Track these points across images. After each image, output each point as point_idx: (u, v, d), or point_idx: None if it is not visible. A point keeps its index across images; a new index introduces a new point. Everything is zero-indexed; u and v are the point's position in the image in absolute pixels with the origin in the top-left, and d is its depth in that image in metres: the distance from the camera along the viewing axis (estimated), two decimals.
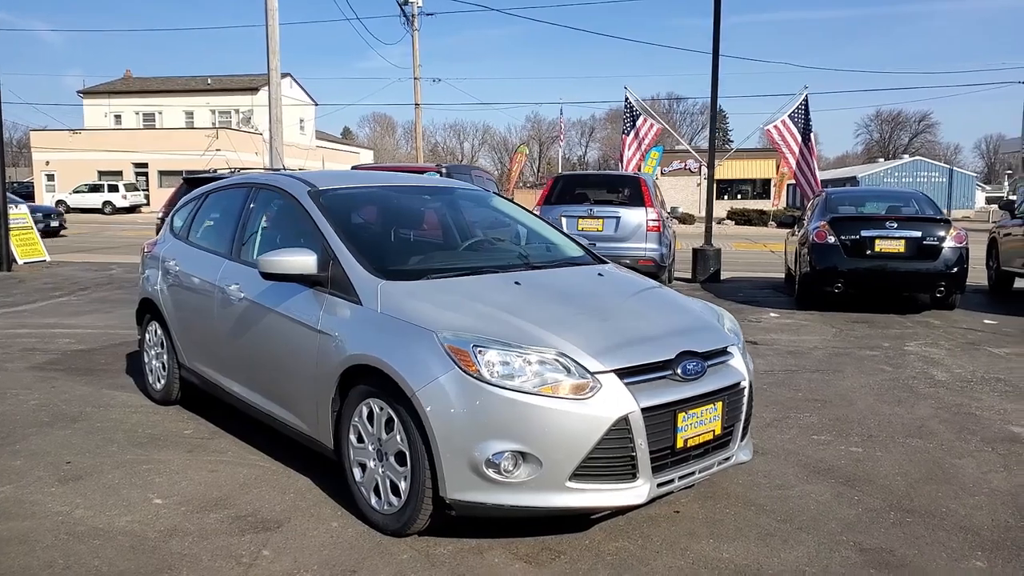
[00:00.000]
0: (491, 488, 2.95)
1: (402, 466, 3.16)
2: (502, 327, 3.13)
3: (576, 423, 2.90)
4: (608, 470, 2.95)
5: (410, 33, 35.69)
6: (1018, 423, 4.80)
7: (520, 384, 2.94)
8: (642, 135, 13.23)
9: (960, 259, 8.82)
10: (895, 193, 12.16)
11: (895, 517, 3.42)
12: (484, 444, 2.92)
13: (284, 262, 3.64)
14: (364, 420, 3.34)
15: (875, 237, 8.89)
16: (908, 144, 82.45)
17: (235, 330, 4.21)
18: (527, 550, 3.12)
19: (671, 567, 2.98)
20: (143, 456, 4.28)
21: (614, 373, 2.99)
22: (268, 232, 4.36)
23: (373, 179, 4.89)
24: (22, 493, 3.77)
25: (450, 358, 3.01)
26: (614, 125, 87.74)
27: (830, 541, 3.19)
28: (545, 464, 2.90)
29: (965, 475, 3.93)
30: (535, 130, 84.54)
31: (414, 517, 3.13)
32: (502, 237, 4.60)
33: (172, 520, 3.45)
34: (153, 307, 5.21)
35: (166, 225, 5.51)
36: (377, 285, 3.47)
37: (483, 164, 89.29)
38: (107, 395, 5.54)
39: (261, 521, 3.43)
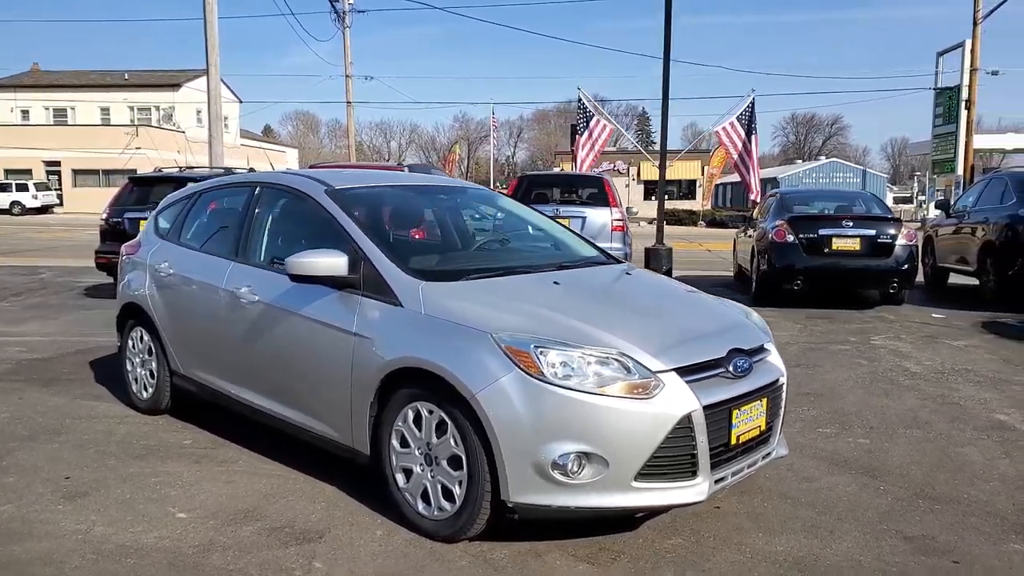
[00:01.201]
0: (556, 490, 2.92)
1: (456, 470, 3.10)
2: (555, 327, 3.11)
3: (642, 422, 2.91)
4: (671, 468, 2.97)
5: (341, 30, 35.19)
6: (1001, 411, 5.05)
7: (583, 384, 2.92)
8: (595, 135, 13.37)
9: (911, 256, 9.23)
10: (845, 193, 12.64)
11: (924, 505, 3.55)
12: (550, 446, 2.89)
13: (314, 264, 3.53)
14: (410, 424, 3.26)
15: (832, 236, 9.22)
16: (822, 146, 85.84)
17: (248, 335, 4.05)
18: (584, 551, 3.11)
19: (732, 562, 3.02)
20: (147, 469, 4.08)
21: (675, 372, 3.01)
22: (281, 233, 4.21)
23: (383, 178, 4.78)
24: (27, 512, 3.54)
25: (510, 359, 2.97)
26: (541, 126, 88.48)
27: (873, 531, 3.28)
28: (612, 464, 2.90)
29: (972, 462, 4.11)
30: (463, 130, 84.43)
31: (471, 522, 3.07)
32: (521, 237, 4.57)
33: (204, 534, 3.30)
34: (140, 313, 4.96)
35: (148, 227, 5.25)
36: (418, 286, 3.39)
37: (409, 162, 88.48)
38: (84, 406, 5.25)
39: (300, 532, 3.31)
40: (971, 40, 29.62)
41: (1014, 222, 9.19)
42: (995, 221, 9.62)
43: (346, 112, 36.36)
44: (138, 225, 10.23)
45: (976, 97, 30.25)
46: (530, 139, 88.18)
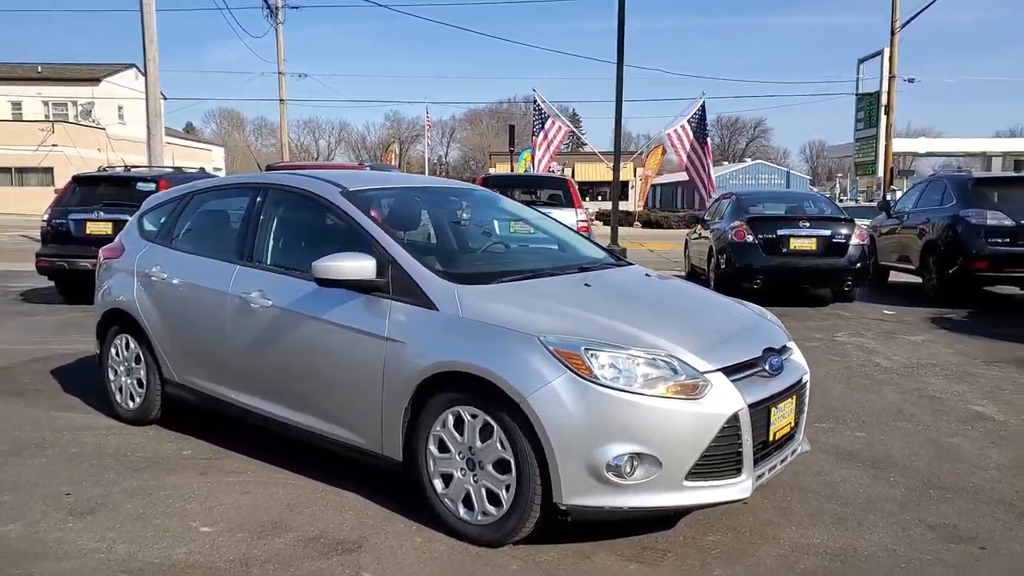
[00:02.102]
0: (610, 491, 2.94)
1: (503, 474, 3.09)
2: (599, 329, 3.13)
3: (693, 422, 2.95)
4: (718, 467, 3.02)
5: (274, 26, 34.37)
6: (976, 403, 5.31)
7: (635, 386, 2.95)
8: (551, 136, 13.44)
9: (863, 255, 9.62)
10: (796, 195, 13.07)
11: (936, 495, 3.71)
12: (604, 447, 2.91)
13: (341, 267, 3.46)
14: (450, 429, 3.23)
15: (790, 236, 9.53)
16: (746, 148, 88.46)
17: (259, 341, 3.93)
18: (630, 551, 3.14)
19: (775, 556, 3.10)
20: (153, 481, 3.92)
21: (721, 372, 3.06)
22: (295, 236, 4.11)
23: (389, 180, 4.70)
24: (36, 531, 3.36)
25: (559, 362, 2.98)
26: (474, 126, 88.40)
27: (897, 521, 3.42)
28: (665, 464, 2.93)
29: (966, 452, 4.32)
30: (395, 128, 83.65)
31: (520, 526, 3.07)
32: (531, 239, 4.57)
33: (236, 548, 3.20)
34: (126, 319, 4.76)
35: (131, 229, 5.04)
36: (454, 289, 3.36)
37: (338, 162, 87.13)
38: (61, 417, 5.00)
39: (337, 542, 3.24)
40: (889, 48, 30.95)
41: (955, 223, 9.67)
42: (937, 222, 10.10)
43: (279, 110, 35.56)
44: (84, 227, 9.85)
45: (895, 102, 31.65)
46: (462, 139, 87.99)
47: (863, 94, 34.19)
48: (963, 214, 9.56)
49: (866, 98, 33.90)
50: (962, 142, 47.83)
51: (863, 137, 34.53)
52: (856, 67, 34.53)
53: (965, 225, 9.49)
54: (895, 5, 29.82)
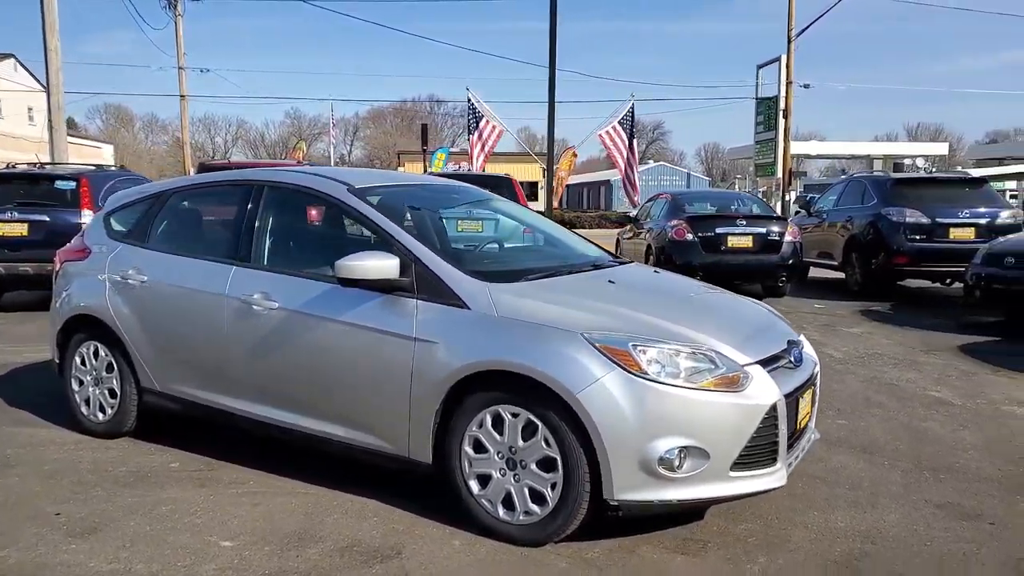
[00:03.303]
0: (661, 485, 2.97)
1: (549, 472, 3.07)
2: (640, 325, 3.15)
3: (738, 414, 3.02)
4: (758, 457, 3.10)
5: (173, 19, 32.91)
6: (932, 389, 5.65)
7: (682, 380, 2.99)
8: (485, 136, 13.40)
9: (795, 252, 10.06)
10: (727, 195, 13.52)
11: (930, 476, 3.93)
12: (656, 442, 2.93)
13: (366, 267, 3.35)
14: (488, 429, 3.19)
15: (727, 234, 9.87)
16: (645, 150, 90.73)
17: (263, 345, 3.76)
18: (672, 543, 3.18)
19: (810, 540, 3.21)
20: (149, 496, 3.69)
21: (758, 364, 3.15)
22: (301, 235, 3.95)
23: (393, 178, 4.58)
24: (36, 555, 3.11)
25: (607, 358, 2.99)
26: (377, 124, 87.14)
27: (906, 502, 3.60)
28: (712, 456, 2.99)
29: (941, 436, 4.58)
30: (295, 126, 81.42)
31: (567, 523, 3.06)
32: (530, 237, 4.56)
33: (268, 561, 3.05)
34: (96, 326, 4.46)
35: (96, 230, 4.72)
36: (485, 288, 3.32)
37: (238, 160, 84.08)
38: (20, 433, 4.65)
39: (373, 550, 3.14)
40: (786, 55, 32.45)
41: (877, 221, 10.25)
42: (859, 220, 10.68)
43: (180, 106, 33.99)
44: None
45: (792, 107, 33.23)
46: (366, 137, 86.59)
47: (762, 99, 35.65)
48: (884, 212, 10.14)
49: (765, 102, 35.36)
50: (848, 145, 50.78)
51: (763, 140, 36.00)
52: (755, 73, 36.02)
53: (886, 223, 10.07)
54: (791, 14, 31.33)
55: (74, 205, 9.33)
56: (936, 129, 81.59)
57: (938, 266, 9.91)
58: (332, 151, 54.72)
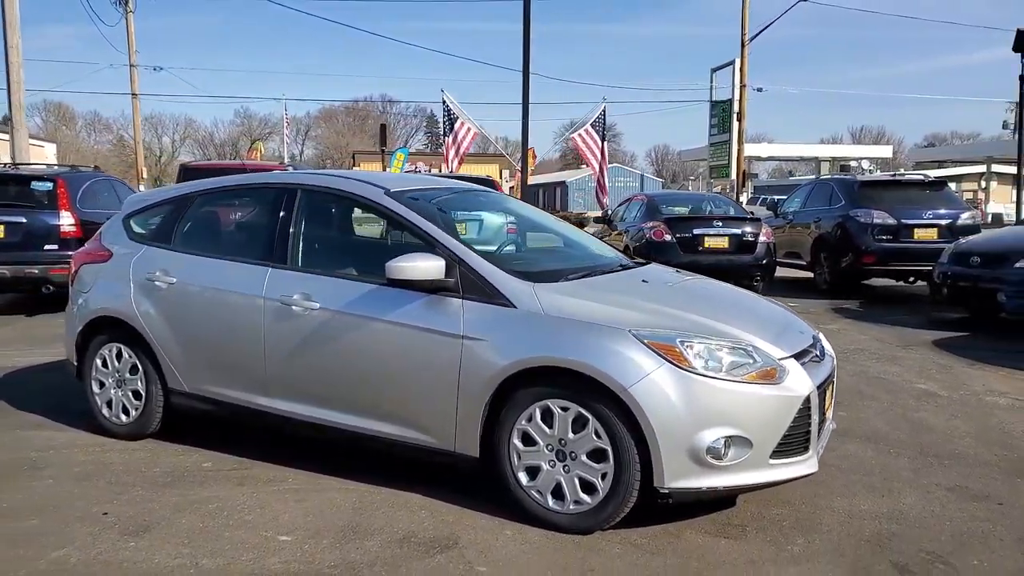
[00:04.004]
0: (707, 473, 3.15)
1: (599, 463, 3.23)
2: (682, 321, 3.33)
3: (777, 405, 3.22)
4: (793, 445, 3.30)
5: (123, 15, 32.18)
6: (917, 382, 5.97)
7: (725, 373, 3.18)
8: (460, 137, 13.48)
9: (769, 252, 10.41)
10: (699, 196, 13.84)
11: (935, 462, 4.19)
12: (703, 432, 3.11)
13: (415, 268, 3.47)
14: (537, 422, 3.33)
15: (704, 235, 10.15)
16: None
17: (306, 345, 3.84)
18: (712, 527, 3.37)
19: (840, 523, 3.42)
20: (191, 495, 3.74)
21: (793, 358, 3.35)
22: (339, 238, 4.03)
23: (420, 181, 4.67)
24: (97, 554, 3.16)
25: (656, 353, 3.16)
26: (329, 124, 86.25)
27: (919, 486, 3.84)
28: (755, 445, 3.18)
29: (936, 425, 4.87)
30: (245, 125, 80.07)
31: (618, 511, 3.22)
32: (552, 238, 4.70)
33: (330, 554, 3.15)
34: (119, 327, 4.47)
35: (116, 232, 4.71)
36: (532, 287, 3.46)
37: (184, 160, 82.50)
38: (36, 436, 4.63)
39: (431, 541, 3.26)
40: (740, 59, 33.22)
41: (845, 222, 10.66)
42: (828, 221, 11.09)
43: (132, 105, 33.25)
44: None
45: (746, 110, 34.03)
46: (317, 137, 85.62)
47: (716, 101, 36.38)
48: (853, 214, 10.56)
49: (719, 105, 36.11)
50: (797, 147, 52.11)
51: (717, 142, 36.76)
52: (709, 76, 36.81)
53: (855, 224, 10.48)
54: (745, 19, 32.11)
55: (51, 206, 9.18)
56: (878, 132, 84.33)
57: (904, 265, 10.35)
58: (286, 151, 53.97)
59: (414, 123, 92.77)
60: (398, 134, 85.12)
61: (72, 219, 9.20)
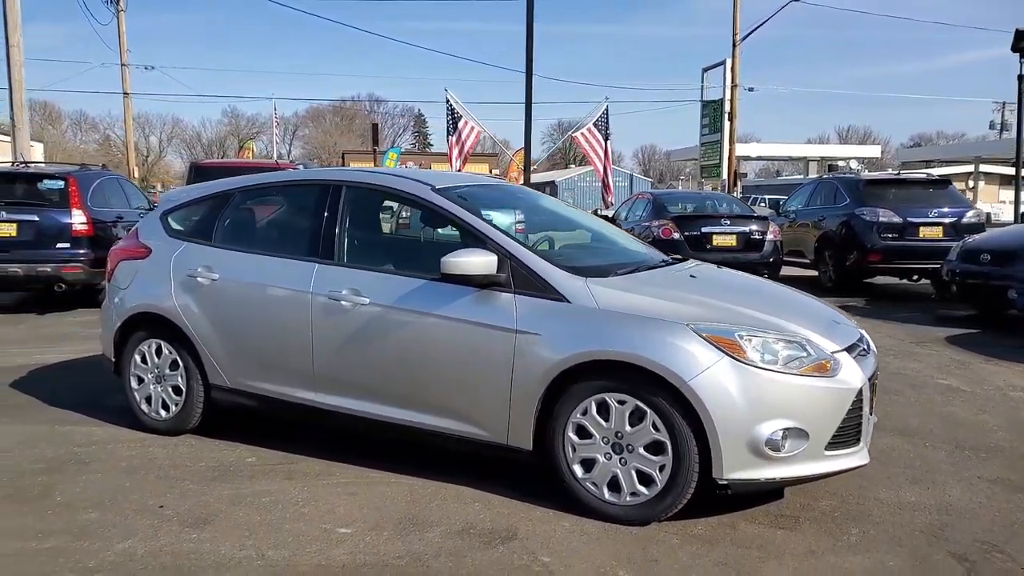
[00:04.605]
0: (766, 464, 3.20)
1: (657, 455, 3.27)
2: (738, 316, 3.38)
3: (833, 397, 3.28)
4: (847, 436, 3.36)
5: (115, 13, 31.97)
6: (938, 378, 6.05)
7: (781, 366, 3.24)
8: (464, 137, 13.49)
9: (776, 250, 10.50)
10: (702, 195, 13.92)
11: (973, 455, 4.27)
12: (763, 424, 3.17)
13: (471, 263, 3.51)
14: (593, 415, 3.37)
15: (713, 233, 10.24)
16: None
17: (355, 339, 3.86)
18: (767, 519, 3.42)
19: (890, 513, 3.48)
20: (244, 490, 3.77)
21: (845, 351, 3.41)
22: (390, 234, 4.05)
23: (462, 179, 4.70)
24: (162, 545, 3.18)
25: (715, 347, 3.21)
26: (316, 123, 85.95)
27: (962, 478, 3.91)
28: (811, 437, 3.23)
29: (965, 419, 4.95)
30: (233, 125, 79.66)
31: (676, 502, 3.27)
32: (587, 234, 4.74)
33: (394, 545, 3.18)
34: (159, 323, 4.48)
35: (153, 228, 4.72)
36: (585, 283, 3.50)
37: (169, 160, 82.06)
38: (75, 431, 4.63)
39: (490, 533, 3.30)
40: (731, 59, 33.40)
41: (851, 220, 10.77)
42: (832, 219, 11.20)
43: (123, 105, 33.02)
44: None
45: (737, 110, 34.21)
46: (304, 136, 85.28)
47: (707, 101, 36.55)
48: (858, 212, 10.66)
49: (710, 105, 36.27)
50: (786, 147, 52.41)
51: (708, 142, 36.90)
52: (701, 76, 36.96)
53: (860, 222, 10.59)
54: (736, 19, 32.31)
55: (63, 205, 9.14)
56: (865, 132, 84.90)
57: (909, 263, 10.47)
58: (275, 150, 53.69)
59: (401, 123, 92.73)
60: (386, 134, 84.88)
61: (84, 218, 9.16)
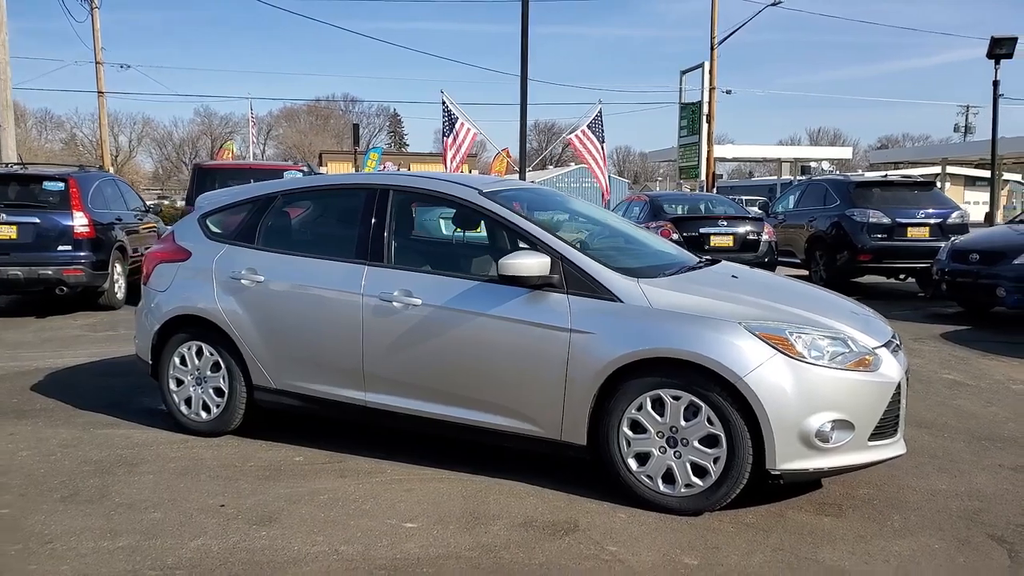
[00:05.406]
0: (816, 455, 3.37)
1: (712, 448, 3.42)
2: (785, 314, 3.55)
3: (875, 390, 3.46)
4: (887, 428, 3.54)
5: (89, 11, 31.57)
6: (941, 372, 6.29)
7: (828, 361, 3.40)
8: (460, 139, 13.57)
9: (771, 250, 10.75)
10: (697, 197, 14.14)
11: (990, 445, 4.48)
12: (814, 417, 3.33)
13: (528, 265, 3.64)
14: (648, 411, 3.51)
15: (711, 234, 10.45)
16: (561, 153, 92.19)
17: (408, 340, 3.97)
18: (813, 507, 3.59)
19: (926, 500, 3.67)
20: (300, 488, 3.85)
21: (884, 347, 3.59)
22: (440, 236, 4.17)
23: (504, 183, 4.80)
24: (235, 542, 3.26)
25: (768, 344, 3.37)
26: (290, 123, 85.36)
27: (985, 467, 4.12)
28: (856, 428, 3.41)
29: (976, 411, 5.17)
30: (206, 124, 78.80)
31: (730, 492, 3.42)
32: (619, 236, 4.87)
33: (462, 537, 3.30)
34: (199, 325, 4.54)
35: (192, 230, 4.77)
36: (638, 283, 3.65)
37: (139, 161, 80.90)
38: (113, 435, 4.68)
39: (552, 525, 3.42)
40: (709, 62, 33.86)
41: (841, 220, 11.05)
42: (823, 220, 11.47)
43: (98, 103, 32.62)
44: None
45: (715, 112, 34.68)
46: (279, 136, 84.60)
47: (686, 104, 37.04)
48: (848, 213, 10.94)
49: (688, 107, 36.75)
50: (761, 149, 53.13)
51: (686, 144, 37.39)
52: (679, 78, 37.40)
53: (851, 223, 10.87)
54: (714, 22, 32.78)
55: (63, 207, 9.10)
56: (835, 134, 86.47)
57: (898, 262, 10.77)
58: (251, 150, 53.22)
59: (377, 123, 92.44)
60: (361, 134, 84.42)
61: (85, 219, 9.13)
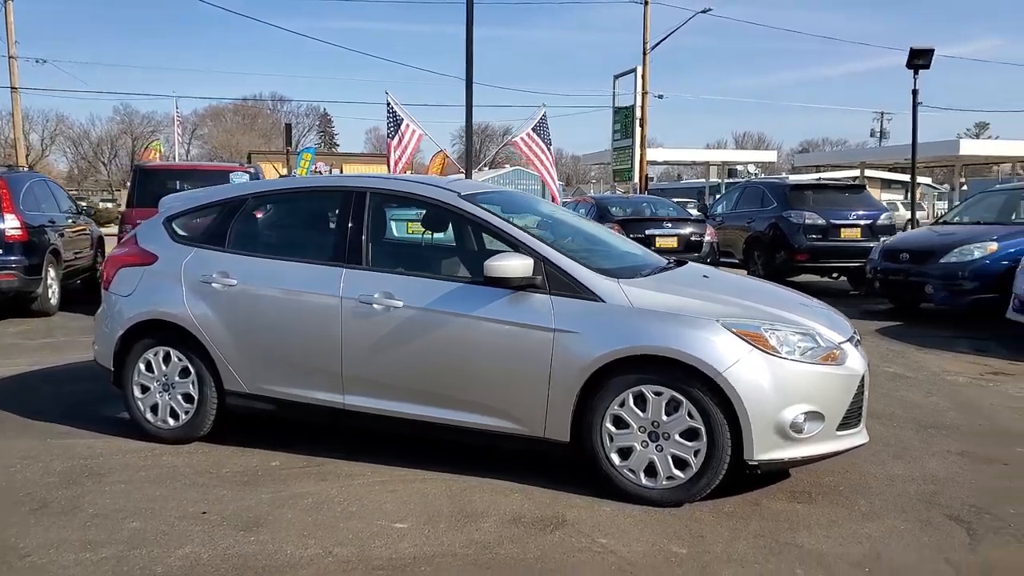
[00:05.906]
0: (790, 445, 3.54)
1: (692, 441, 3.56)
2: (758, 312, 3.71)
3: (843, 383, 3.66)
4: (852, 418, 3.75)
5: (2, 4, 30.14)
6: (884, 365, 6.62)
7: (799, 356, 3.58)
8: (406, 141, 13.50)
9: (713, 250, 11.08)
10: (640, 199, 14.39)
11: (936, 432, 4.75)
12: (787, 409, 3.50)
13: (513, 266, 3.71)
14: (631, 407, 3.63)
15: (656, 235, 10.70)
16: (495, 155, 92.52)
17: (391, 342, 3.99)
18: (784, 494, 3.77)
19: (887, 486, 3.89)
20: (281, 493, 3.83)
21: (848, 342, 3.80)
22: (412, 239, 4.19)
23: (479, 186, 4.83)
24: (224, 549, 3.24)
25: (744, 341, 3.53)
26: (216, 122, 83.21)
27: (935, 453, 4.37)
28: (826, 419, 3.59)
29: (919, 402, 5.48)
30: (126, 123, 76.01)
31: (710, 483, 3.56)
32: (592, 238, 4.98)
33: (455, 535, 3.35)
34: (169, 330, 4.45)
35: (157, 233, 4.67)
36: (618, 283, 3.76)
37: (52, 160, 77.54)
38: (78, 444, 4.55)
39: (540, 520, 3.50)
40: (642, 67, 34.55)
41: (779, 222, 11.48)
42: (761, 221, 11.90)
43: (11, 99, 31.07)
44: None
45: (648, 116, 35.39)
46: (204, 136, 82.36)
47: (619, 108, 37.69)
48: (785, 214, 11.38)
49: (622, 111, 37.35)
50: (690, 152, 54.40)
51: (620, 147, 38.02)
52: (612, 83, 38.03)
53: (788, 224, 11.30)
54: (646, 28, 33.50)
55: None
56: (759, 138, 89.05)
57: (832, 262, 11.26)
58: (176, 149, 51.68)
59: (306, 123, 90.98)
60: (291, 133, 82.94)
61: (17, 222, 8.78)
